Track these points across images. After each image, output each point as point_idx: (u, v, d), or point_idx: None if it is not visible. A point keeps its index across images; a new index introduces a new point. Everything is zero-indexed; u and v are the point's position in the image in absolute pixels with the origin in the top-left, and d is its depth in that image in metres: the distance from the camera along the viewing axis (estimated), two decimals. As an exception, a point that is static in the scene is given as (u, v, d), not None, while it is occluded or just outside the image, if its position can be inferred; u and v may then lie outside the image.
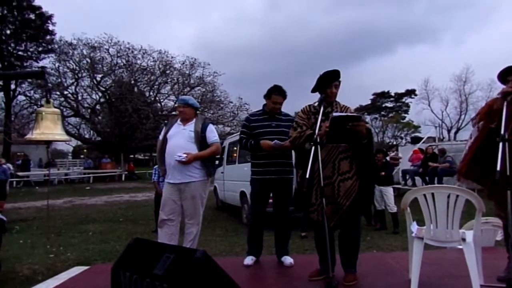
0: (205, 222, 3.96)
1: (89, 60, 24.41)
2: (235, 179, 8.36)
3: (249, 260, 3.49)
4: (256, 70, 52.34)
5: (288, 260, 3.45)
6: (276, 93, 3.46)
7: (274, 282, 3.17)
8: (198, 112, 3.71)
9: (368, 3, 66.55)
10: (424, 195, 2.55)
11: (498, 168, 2.12)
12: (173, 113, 23.19)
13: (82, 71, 24.81)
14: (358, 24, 59.64)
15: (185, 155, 3.37)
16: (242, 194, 7.72)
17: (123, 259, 2.16)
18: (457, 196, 2.47)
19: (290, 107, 3.59)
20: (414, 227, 2.77)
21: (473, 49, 50.60)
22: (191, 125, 3.56)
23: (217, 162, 6.03)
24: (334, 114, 2.69)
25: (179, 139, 3.49)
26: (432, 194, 2.52)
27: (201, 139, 3.51)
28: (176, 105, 3.66)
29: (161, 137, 3.66)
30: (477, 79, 31.60)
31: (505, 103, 2.40)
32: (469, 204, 2.52)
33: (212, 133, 3.60)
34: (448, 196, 2.51)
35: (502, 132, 2.27)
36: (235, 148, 8.78)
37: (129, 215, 9.47)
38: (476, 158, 2.69)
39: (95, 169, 25.24)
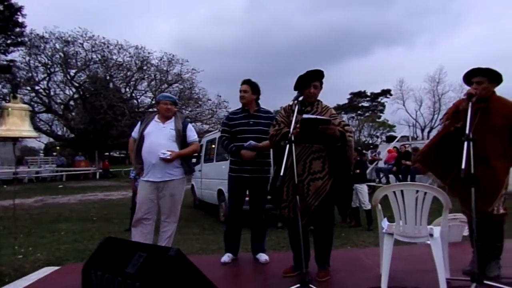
0: (182, 220, 3.93)
1: (62, 55, 23.67)
2: (213, 177, 8.34)
3: (226, 257, 3.50)
4: (235, 68, 52.06)
5: (263, 257, 3.47)
6: (241, 84, 3.53)
7: (249, 279, 3.19)
8: (176, 109, 3.69)
9: (346, 5, 67.66)
10: (394, 192, 2.63)
11: (463, 166, 2.21)
12: (150, 110, 22.85)
13: (55, 65, 24.06)
14: (337, 26, 60.55)
15: (169, 153, 3.35)
16: (220, 192, 7.71)
17: (94, 258, 2.13)
18: (425, 193, 2.56)
19: (270, 105, 3.62)
20: (384, 223, 2.85)
21: (445, 51, 52.74)
22: (171, 123, 3.53)
23: (194, 160, 5.99)
24: (304, 116, 2.69)
25: (160, 137, 3.43)
26: (401, 191, 2.61)
27: (182, 138, 3.49)
28: (159, 101, 3.59)
29: (135, 134, 3.59)
30: (450, 80, 32.86)
31: (469, 104, 2.51)
32: (438, 201, 2.61)
33: (191, 132, 3.60)
34: (417, 194, 2.59)
35: (467, 131, 2.37)
36: (213, 146, 8.75)
37: (103, 214, 9.27)
38: (434, 150, 2.81)
39: (68, 167, 24.51)
